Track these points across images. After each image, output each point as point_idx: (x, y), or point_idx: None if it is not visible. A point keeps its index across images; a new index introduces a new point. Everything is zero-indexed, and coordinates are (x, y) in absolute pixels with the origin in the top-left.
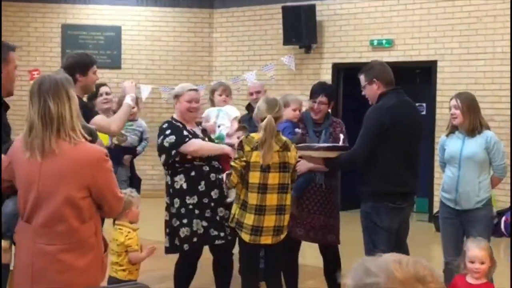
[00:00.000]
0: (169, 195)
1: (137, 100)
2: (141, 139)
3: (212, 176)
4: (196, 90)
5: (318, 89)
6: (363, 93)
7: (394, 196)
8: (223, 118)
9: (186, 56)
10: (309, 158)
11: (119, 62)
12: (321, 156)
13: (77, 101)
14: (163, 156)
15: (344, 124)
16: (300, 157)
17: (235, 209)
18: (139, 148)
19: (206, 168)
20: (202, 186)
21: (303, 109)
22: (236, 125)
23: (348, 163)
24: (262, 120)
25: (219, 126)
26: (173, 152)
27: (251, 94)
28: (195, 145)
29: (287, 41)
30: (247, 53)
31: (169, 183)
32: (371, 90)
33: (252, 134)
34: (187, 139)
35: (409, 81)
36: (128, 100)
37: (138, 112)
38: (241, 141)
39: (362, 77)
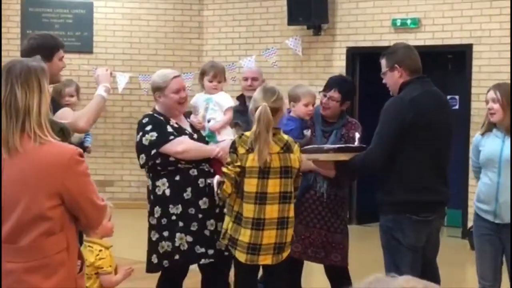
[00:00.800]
0: (150, 202)
1: (77, 89)
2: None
3: (201, 181)
4: (179, 75)
5: (332, 83)
6: (383, 80)
7: (420, 207)
8: (214, 110)
9: (171, 38)
10: (318, 162)
11: (90, 45)
12: (331, 159)
13: (49, 95)
14: (142, 157)
15: (361, 121)
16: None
17: (227, 222)
18: (88, 145)
19: (194, 172)
20: (188, 194)
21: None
22: (230, 115)
23: (363, 166)
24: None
25: (209, 121)
26: (153, 151)
27: (246, 79)
28: (182, 146)
29: (292, 20)
30: (245, 35)
31: (151, 188)
32: (392, 78)
33: (247, 133)
34: (172, 137)
35: (439, 69)
36: (101, 92)
37: (78, 102)
38: (233, 142)
39: (383, 62)
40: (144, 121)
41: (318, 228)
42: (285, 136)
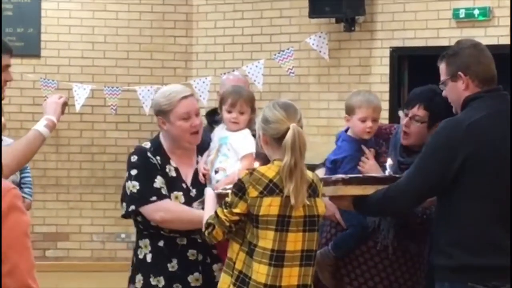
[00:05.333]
0: (132, 265)
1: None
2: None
3: (192, 253)
4: (191, 95)
5: (415, 96)
6: (443, 93)
7: (487, 273)
8: (226, 156)
9: (148, 36)
10: (333, 198)
11: (37, 46)
12: (339, 194)
13: None
14: (123, 206)
15: None
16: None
17: (226, 284)
18: (27, 192)
19: (182, 241)
20: (173, 265)
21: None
22: (248, 165)
23: (380, 206)
24: (279, 137)
25: (216, 172)
26: (131, 208)
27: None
28: (160, 214)
29: (316, 11)
30: (249, 31)
31: (135, 246)
32: (454, 90)
33: (260, 168)
34: (154, 197)
35: None
36: (41, 126)
37: (4, 127)
38: (240, 181)
39: (442, 67)
40: (132, 159)
41: None
42: (309, 173)
